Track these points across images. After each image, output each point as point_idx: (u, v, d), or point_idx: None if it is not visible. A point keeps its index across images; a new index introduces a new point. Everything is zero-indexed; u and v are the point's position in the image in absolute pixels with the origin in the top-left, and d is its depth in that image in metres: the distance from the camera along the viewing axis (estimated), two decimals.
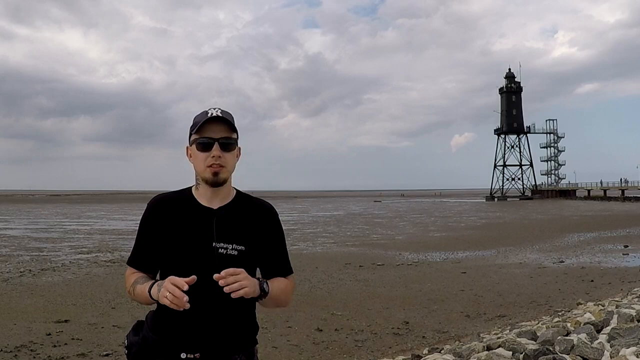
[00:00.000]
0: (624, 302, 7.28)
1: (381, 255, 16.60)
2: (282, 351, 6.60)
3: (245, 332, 2.00)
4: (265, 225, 2.00)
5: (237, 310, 1.93)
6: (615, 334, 4.53)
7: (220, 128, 1.91)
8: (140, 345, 1.96)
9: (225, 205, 1.97)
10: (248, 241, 1.94)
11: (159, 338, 1.92)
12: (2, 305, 9.11)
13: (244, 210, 1.99)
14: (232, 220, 1.95)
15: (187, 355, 1.88)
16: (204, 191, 1.96)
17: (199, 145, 1.91)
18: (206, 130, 1.90)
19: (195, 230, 1.91)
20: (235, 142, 1.95)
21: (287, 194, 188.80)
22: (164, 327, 1.93)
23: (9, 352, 6.38)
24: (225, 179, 1.94)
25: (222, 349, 1.92)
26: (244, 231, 1.94)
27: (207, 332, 1.89)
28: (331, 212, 50.77)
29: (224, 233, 1.91)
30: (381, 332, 7.46)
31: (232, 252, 1.90)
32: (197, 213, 1.94)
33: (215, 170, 1.90)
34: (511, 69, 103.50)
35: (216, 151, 1.89)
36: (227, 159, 1.92)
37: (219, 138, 1.90)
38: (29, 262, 14.60)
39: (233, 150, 1.94)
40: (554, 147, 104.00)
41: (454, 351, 5.04)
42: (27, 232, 25.48)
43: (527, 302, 9.42)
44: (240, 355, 1.96)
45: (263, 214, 2.02)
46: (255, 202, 2.05)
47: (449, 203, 76.63)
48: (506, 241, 20.72)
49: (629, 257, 15.86)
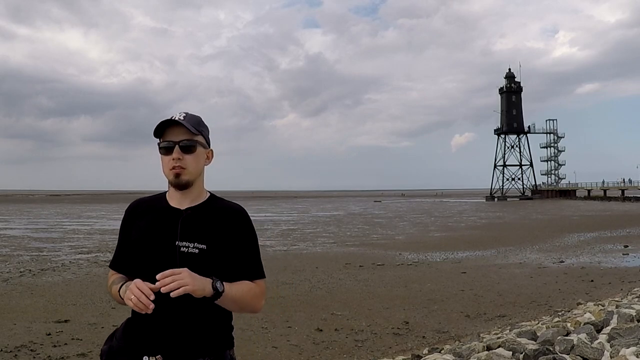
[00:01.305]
0: (624, 302, 7.28)
1: (381, 255, 16.60)
2: (282, 351, 6.60)
3: (211, 333, 1.96)
4: (231, 226, 2.00)
5: (201, 312, 1.91)
6: (615, 334, 4.53)
7: (180, 131, 1.95)
8: (107, 353, 2.00)
9: (193, 207, 2.00)
10: (210, 240, 1.94)
11: (124, 344, 1.96)
12: (2, 305, 9.12)
13: (212, 211, 2.01)
14: (197, 220, 1.97)
15: (148, 358, 1.89)
16: (173, 193, 2.02)
17: (161, 149, 1.98)
18: (167, 134, 1.97)
19: (160, 229, 1.96)
20: (197, 144, 1.98)
21: (287, 194, 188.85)
22: (131, 331, 1.96)
23: (9, 352, 6.38)
24: (188, 180, 1.97)
25: (184, 351, 1.90)
26: (207, 231, 1.95)
27: (169, 334, 1.90)
28: (331, 212, 50.76)
29: (187, 232, 1.94)
30: (381, 332, 7.46)
31: (193, 250, 1.91)
32: (165, 213, 1.99)
33: (177, 172, 1.94)
34: (511, 69, 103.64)
35: (176, 154, 1.94)
36: (188, 162, 1.96)
37: (179, 141, 1.95)
38: (29, 262, 14.61)
39: (194, 152, 1.97)
40: (554, 147, 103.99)
41: (454, 351, 5.04)
42: (27, 232, 25.48)
43: (527, 302, 9.42)
44: (206, 358, 1.93)
45: (231, 215, 2.02)
46: (226, 204, 2.06)
47: (449, 203, 76.63)
48: (506, 241, 20.72)
49: (629, 257, 15.86)
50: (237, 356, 2.05)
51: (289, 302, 9.46)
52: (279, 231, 26.63)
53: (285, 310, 8.78)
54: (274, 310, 8.69)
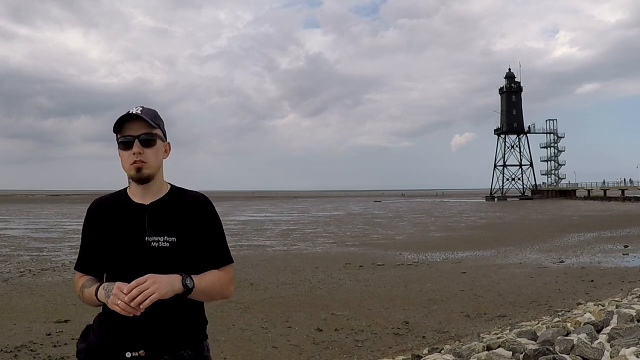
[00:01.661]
0: (624, 302, 7.28)
1: (381, 255, 16.60)
2: (282, 351, 6.60)
3: (189, 326, 1.99)
4: (198, 216, 2.01)
5: (177, 304, 1.92)
6: (615, 334, 4.53)
7: (139, 125, 1.95)
8: (86, 351, 1.99)
9: (157, 200, 2.00)
10: (180, 232, 1.95)
11: (102, 341, 1.95)
12: (2, 305, 9.12)
13: (176, 203, 2.01)
14: (164, 213, 1.97)
15: (131, 354, 1.90)
16: (135, 189, 2.01)
17: (121, 145, 1.96)
18: (126, 129, 1.95)
19: (128, 226, 1.95)
20: (156, 137, 1.98)
21: (287, 194, 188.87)
22: (108, 328, 1.95)
23: (9, 352, 6.39)
24: (149, 174, 1.96)
25: (166, 344, 1.92)
26: (175, 223, 1.96)
27: (149, 329, 1.90)
28: (331, 212, 50.76)
29: (155, 226, 1.94)
30: (381, 332, 7.46)
31: (164, 244, 1.92)
32: (130, 210, 1.98)
33: (138, 166, 1.94)
34: (511, 69, 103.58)
35: (136, 148, 1.93)
36: (149, 155, 1.95)
37: (138, 135, 1.94)
38: (29, 262, 14.61)
39: (154, 145, 1.97)
40: (554, 147, 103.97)
41: (454, 351, 5.04)
42: (27, 232, 25.49)
43: (527, 302, 9.41)
44: (187, 350, 1.96)
45: (195, 205, 2.03)
46: (189, 194, 2.07)
47: (449, 203, 76.63)
48: (506, 241, 20.72)
49: (629, 257, 15.86)
50: (237, 356, 2.07)
51: (289, 302, 9.46)
52: (279, 231, 26.63)
53: (285, 310, 8.78)
54: (274, 310, 8.70)
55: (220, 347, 6.65)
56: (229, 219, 38.23)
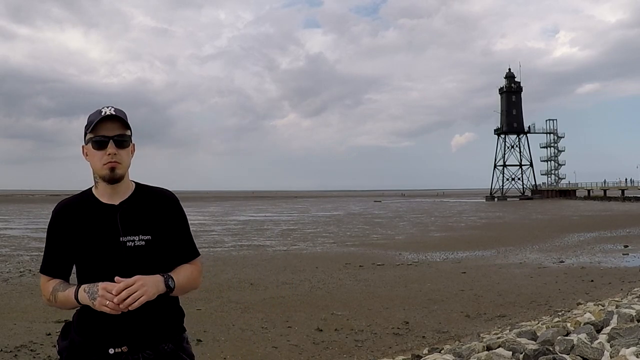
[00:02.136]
0: (624, 302, 7.28)
1: (381, 255, 16.60)
2: (282, 351, 6.60)
3: (168, 320, 2.03)
4: (167, 213, 2.05)
5: (156, 301, 1.94)
6: (615, 334, 4.53)
7: (114, 126, 1.95)
8: (69, 349, 1.99)
9: (126, 200, 2.01)
10: (153, 230, 1.98)
11: (84, 339, 1.96)
12: (2, 305, 9.12)
13: (145, 201, 2.03)
14: (135, 212, 1.99)
15: (114, 350, 1.91)
16: (103, 189, 2.01)
17: (94, 144, 1.96)
18: (101, 128, 1.95)
19: (100, 228, 1.96)
20: (129, 139, 2.00)
21: (287, 194, 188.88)
22: (89, 326, 1.96)
23: (9, 352, 6.39)
24: (121, 175, 1.98)
25: (148, 339, 1.95)
26: (148, 221, 1.99)
27: (131, 325, 1.92)
28: (331, 212, 50.77)
29: (128, 226, 1.96)
30: (381, 332, 7.46)
31: (139, 243, 1.95)
32: (100, 211, 1.98)
33: (112, 166, 1.94)
34: (511, 69, 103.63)
35: (111, 149, 1.94)
36: (122, 156, 1.97)
37: (113, 136, 1.95)
38: (29, 262, 14.60)
39: (127, 147, 1.99)
40: (554, 147, 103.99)
41: (454, 351, 5.04)
42: (27, 232, 25.49)
43: (527, 302, 9.42)
44: (167, 344, 1.99)
45: (164, 202, 2.07)
46: (156, 191, 2.10)
47: (449, 203, 76.65)
48: (506, 241, 20.72)
49: (629, 257, 15.86)
50: (238, 356, 2.08)
51: (289, 302, 9.46)
52: (279, 231, 26.63)
53: (285, 310, 8.78)
54: (274, 310, 8.70)
55: (220, 347, 6.65)
56: (229, 219, 38.25)
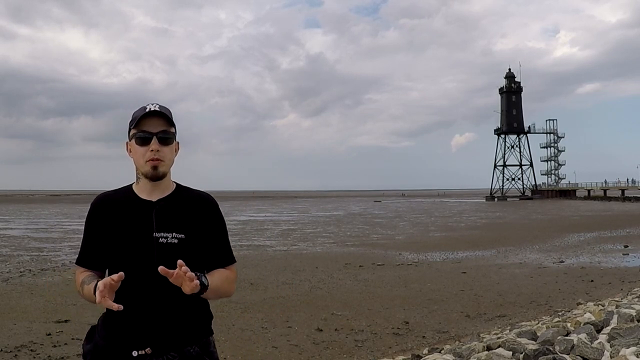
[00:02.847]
0: (624, 302, 7.28)
1: (381, 255, 16.60)
2: (282, 351, 6.60)
3: (195, 322, 1.99)
4: (204, 215, 2.02)
5: (183, 300, 1.91)
6: (615, 334, 4.53)
7: (158, 122, 1.94)
8: (92, 352, 1.98)
9: (164, 197, 2.00)
10: (188, 230, 1.95)
11: (108, 342, 1.94)
12: (2, 305, 9.12)
13: (183, 201, 2.02)
14: (172, 210, 1.97)
15: (138, 352, 1.89)
16: (143, 185, 2.00)
17: (137, 140, 1.95)
18: (144, 124, 1.93)
19: (135, 223, 1.94)
20: (173, 136, 1.99)
21: (287, 194, 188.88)
22: (113, 328, 1.94)
23: (9, 352, 6.39)
24: (164, 172, 1.97)
25: (173, 341, 1.91)
26: (183, 220, 1.96)
27: (155, 326, 1.89)
28: (331, 212, 50.76)
29: (163, 223, 1.94)
30: (381, 332, 7.46)
31: (172, 240, 1.92)
32: (137, 206, 1.97)
33: (154, 164, 1.93)
34: (511, 69, 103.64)
35: (154, 145, 1.92)
36: (166, 153, 1.95)
37: (157, 132, 1.93)
38: (29, 262, 14.61)
39: (171, 144, 1.98)
40: (554, 147, 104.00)
41: (454, 351, 5.04)
42: (27, 232, 25.49)
43: (527, 302, 9.41)
44: (193, 346, 1.95)
45: (202, 204, 2.04)
46: (195, 193, 2.08)
47: (449, 203, 76.63)
48: (506, 241, 20.72)
49: (629, 257, 15.86)
50: (237, 356, 2.07)
51: (289, 302, 9.46)
52: (279, 231, 26.63)
53: (285, 310, 8.78)
54: (274, 310, 8.70)
55: (220, 347, 6.61)
56: (229, 219, 38.14)
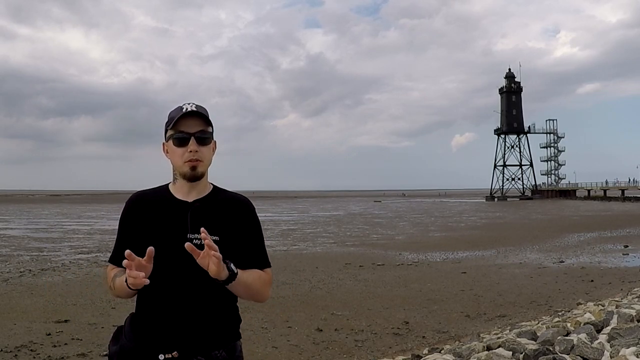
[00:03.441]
0: (624, 302, 7.28)
1: (381, 255, 16.60)
2: (282, 351, 6.60)
3: (223, 325, 1.97)
4: (240, 218, 2.00)
5: (213, 303, 1.91)
6: (615, 334, 4.53)
7: (195, 122, 1.92)
8: (119, 354, 1.96)
9: (201, 199, 1.98)
10: (223, 232, 1.93)
11: (135, 344, 1.92)
12: (2, 305, 9.12)
13: (219, 202, 2.00)
14: (207, 212, 1.95)
15: (164, 356, 1.87)
16: (180, 186, 1.99)
17: (175, 141, 1.93)
18: (182, 125, 1.91)
19: (170, 223, 1.93)
20: (210, 135, 1.97)
21: (287, 194, 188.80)
22: (141, 329, 1.93)
23: (9, 352, 6.38)
24: (202, 172, 1.96)
25: (200, 345, 1.89)
26: (218, 222, 1.94)
27: (183, 328, 1.88)
28: (331, 212, 50.76)
29: (198, 224, 1.90)
30: (381, 332, 7.46)
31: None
32: (173, 206, 1.96)
33: (193, 165, 1.92)
34: (511, 69, 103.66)
35: (193, 146, 1.91)
36: (204, 153, 1.94)
37: (194, 132, 1.91)
38: (29, 262, 14.61)
39: (209, 144, 1.96)
40: (554, 147, 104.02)
41: (454, 351, 5.04)
42: (27, 232, 25.48)
43: (527, 302, 9.41)
44: (220, 350, 1.93)
45: (238, 206, 2.03)
46: (231, 195, 2.06)
47: (449, 203, 76.63)
48: (506, 241, 20.72)
49: (629, 257, 15.86)
50: None
51: (289, 302, 9.46)
52: (279, 231, 26.62)
53: (285, 310, 8.78)
54: (274, 310, 8.69)
55: None
56: None
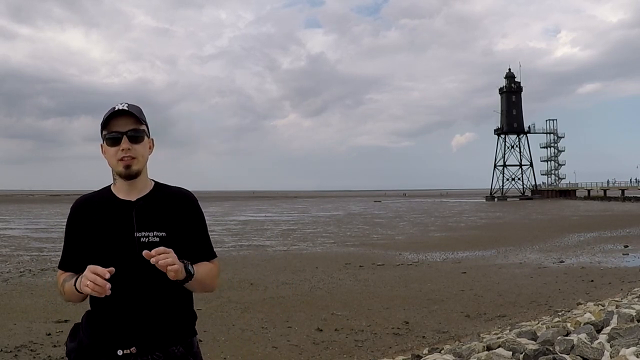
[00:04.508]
0: (624, 302, 7.28)
1: (381, 255, 16.60)
2: (282, 351, 6.60)
3: (180, 322, 2.00)
4: (184, 211, 2.03)
5: (167, 300, 1.94)
6: (615, 334, 4.53)
7: (127, 121, 1.95)
8: (77, 350, 1.98)
9: (143, 196, 2.01)
10: (169, 227, 1.97)
11: (93, 340, 1.95)
12: (2, 305, 9.12)
13: (162, 198, 2.03)
14: (152, 209, 1.98)
15: (123, 351, 1.90)
16: (121, 186, 2.01)
17: (108, 141, 1.96)
18: (114, 124, 1.94)
19: (116, 223, 1.95)
20: (144, 133, 1.99)
21: (287, 194, 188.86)
22: (97, 326, 1.95)
23: (9, 352, 6.39)
24: (138, 170, 1.97)
25: (158, 341, 1.92)
26: (164, 218, 1.97)
27: (140, 325, 1.90)
28: (331, 212, 50.77)
29: (144, 222, 1.94)
30: (381, 332, 7.46)
31: (154, 239, 1.93)
32: (117, 207, 1.98)
33: (127, 163, 1.94)
34: (511, 69, 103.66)
35: (125, 144, 1.93)
36: (137, 151, 1.96)
37: (126, 131, 1.94)
38: (29, 262, 14.61)
39: (143, 141, 1.98)
40: (554, 147, 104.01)
41: (454, 351, 5.04)
42: (27, 232, 25.49)
43: (527, 302, 9.41)
44: (177, 347, 1.96)
45: (182, 200, 2.06)
46: (174, 190, 2.09)
47: (449, 203, 76.64)
48: (506, 241, 20.72)
49: (629, 257, 15.85)
50: (237, 356, 2.08)
51: (289, 302, 9.46)
52: (279, 231, 26.62)
53: (285, 310, 8.78)
54: (274, 310, 8.70)
55: (220, 347, 6.65)
56: (229, 219, 38.24)
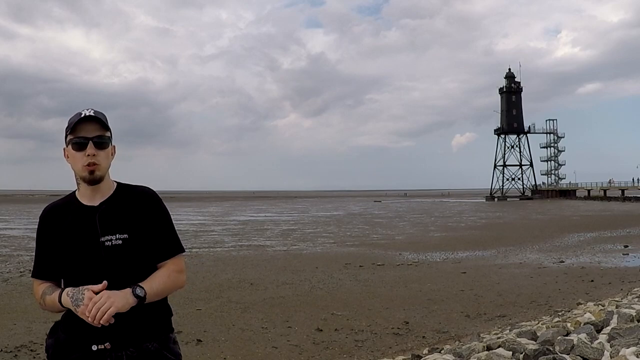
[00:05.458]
0: (624, 302, 7.28)
1: (381, 255, 16.60)
2: (282, 351, 6.60)
3: (153, 319, 2.03)
4: (147, 210, 2.06)
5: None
6: (615, 334, 4.53)
7: (93, 127, 1.98)
8: (54, 346, 2.03)
9: (106, 200, 2.03)
10: (131, 228, 1.99)
11: (69, 336, 1.99)
12: (2, 305, 9.13)
13: (124, 200, 2.05)
14: (114, 212, 2.01)
15: (97, 347, 1.94)
16: (84, 191, 2.05)
17: (74, 145, 1.98)
18: (80, 130, 1.97)
19: (81, 230, 1.98)
20: (108, 140, 2.03)
21: (288, 194, 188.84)
22: (73, 323, 1.98)
23: (9, 352, 6.39)
24: (100, 176, 2.01)
25: (131, 337, 1.96)
26: (126, 220, 2.00)
27: (114, 322, 1.92)
28: (331, 212, 50.77)
29: (107, 226, 1.98)
30: (381, 332, 7.46)
31: (116, 242, 1.96)
32: (81, 213, 2.02)
33: (91, 169, 1.97)
34: (511, 69, 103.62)
35: (91, 149, 1.96)
36: (102, 157, 1.99)
37: (92, 137, 1.97)
38: (29, 262, 14.59)
39: (107, 148, 2.02)
40: (554, 147, 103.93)
41: (454, 351, 5.04)
42: (27, 232, 25.46)
43: (527, 302, 9.41)
44: (152, 343, 2.00)
45: (144, 199, 2.08)
46: (137, 190, 2.11)
47: (449, 203, 76.64)
48: (506, 241, 20.72)
49: (629, 257, 15.85)
50: (237, 356, 2.07)
51: (289, 302, 9.46)
52: (279, 231, 26.62)
53: (285, 310, 8.78)
54: (274, 310, 8.70)
55: (220, 347, 6.65)
56: (229, 219, 38.26)
